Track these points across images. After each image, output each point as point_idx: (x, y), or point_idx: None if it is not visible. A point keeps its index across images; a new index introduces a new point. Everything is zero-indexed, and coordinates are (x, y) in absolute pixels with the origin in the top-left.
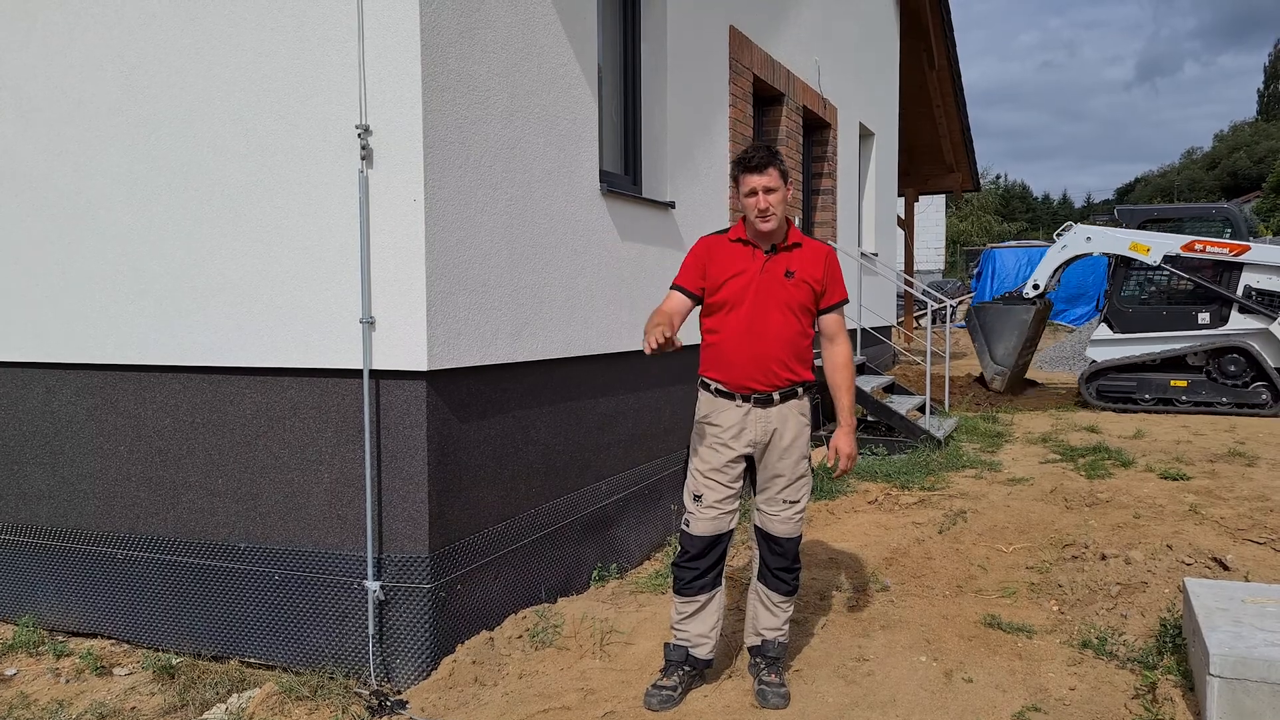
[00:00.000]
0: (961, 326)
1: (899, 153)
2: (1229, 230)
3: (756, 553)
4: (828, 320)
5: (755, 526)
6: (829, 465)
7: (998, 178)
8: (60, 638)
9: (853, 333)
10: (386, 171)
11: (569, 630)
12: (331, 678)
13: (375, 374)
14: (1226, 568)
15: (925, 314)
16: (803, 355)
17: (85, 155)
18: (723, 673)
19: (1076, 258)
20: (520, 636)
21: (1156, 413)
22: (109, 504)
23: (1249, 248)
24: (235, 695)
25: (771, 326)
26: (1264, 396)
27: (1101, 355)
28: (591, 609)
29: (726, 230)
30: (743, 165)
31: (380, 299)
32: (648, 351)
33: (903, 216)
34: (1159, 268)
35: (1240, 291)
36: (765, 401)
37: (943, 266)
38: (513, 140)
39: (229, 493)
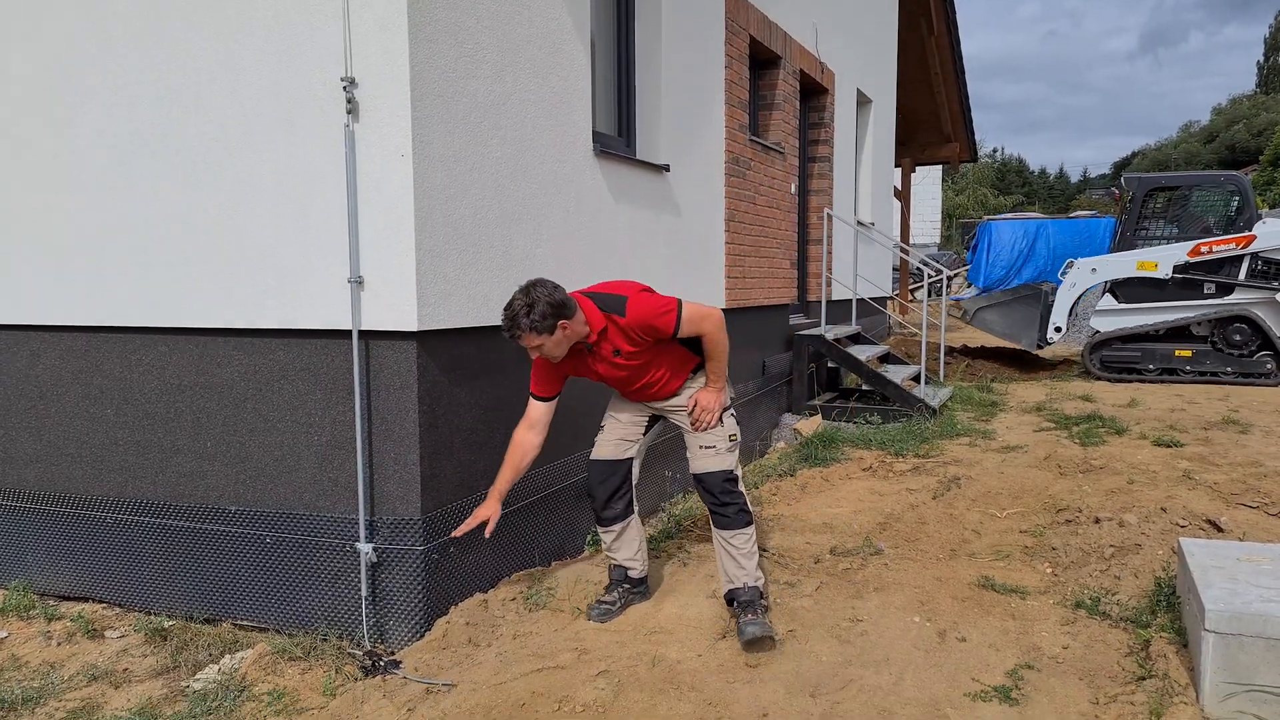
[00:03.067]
0: (956, 300)
1: (896, 121)
2: (1237, 199)
3: None
4: (688, 337)
5: (691, 474)
6: (689, 411)
7: (994, 151)
8: (51, 602)
9: (846, 303)
10: (373, 124)
11: (563, 592)
12: (324, 639)
13: (364, 334)
14: (1220, 530)
15: (922, 286)
16: (678, 373)
17: (65, 114)
18: (717, 634)
19: (1088, 290)
20: (514, 599)
21: (1151, 382)
22: (97, 467)
23: (1255, 237)
24: (228, 656)
25: (638, 387)
26: (1269, 366)
27: (1106, 325)
28: (586, 572)
29: None
30: None
31: (368, 257)
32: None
33: (899, 187)
34: (1170, 278)
35: (1246, 263)
36: None
37: (939, 240)
38: (503, 95)
39: (219, 456)
